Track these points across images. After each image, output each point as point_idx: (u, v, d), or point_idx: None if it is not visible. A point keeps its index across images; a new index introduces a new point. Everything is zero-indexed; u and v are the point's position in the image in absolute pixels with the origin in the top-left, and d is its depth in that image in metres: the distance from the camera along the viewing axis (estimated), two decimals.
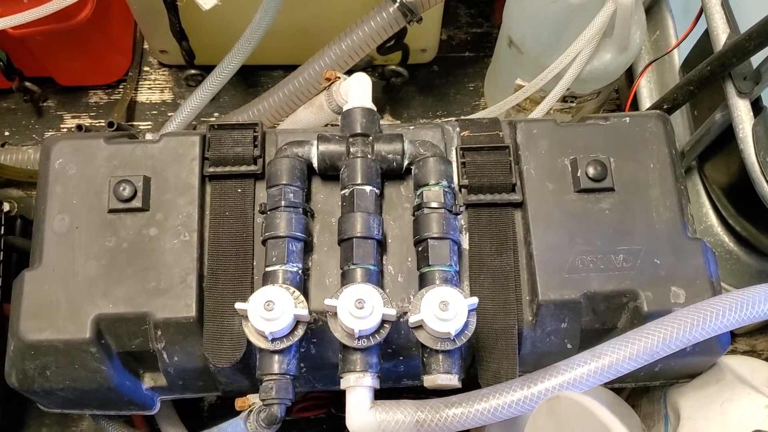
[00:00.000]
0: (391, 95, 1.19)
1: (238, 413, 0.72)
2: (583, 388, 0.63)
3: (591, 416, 0.45)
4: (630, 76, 1.09)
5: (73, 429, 1.00)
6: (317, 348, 0.71)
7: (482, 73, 1.20)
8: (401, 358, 0.73)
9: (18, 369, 0.69)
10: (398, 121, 1.18)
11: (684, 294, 0.70)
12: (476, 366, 0.70)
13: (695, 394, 0.78)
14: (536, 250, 0.71)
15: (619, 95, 1.19)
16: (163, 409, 0.89)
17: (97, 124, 1.15)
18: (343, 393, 0.65)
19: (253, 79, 1.19)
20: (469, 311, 0.62)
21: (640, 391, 0.89)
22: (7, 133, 1.15)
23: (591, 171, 0.73)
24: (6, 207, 0.97)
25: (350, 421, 0.63)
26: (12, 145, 1.10)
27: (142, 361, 0.74)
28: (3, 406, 0.94)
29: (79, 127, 0.99)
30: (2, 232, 0.90)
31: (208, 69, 1.00)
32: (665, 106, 0.87)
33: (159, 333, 0.69)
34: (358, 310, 0.60)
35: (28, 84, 1.12)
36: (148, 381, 0.76)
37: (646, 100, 1.04)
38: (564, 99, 0.99)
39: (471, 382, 0.69)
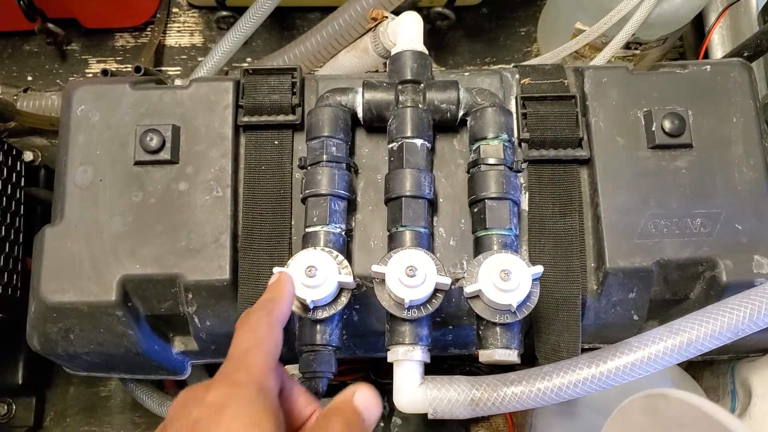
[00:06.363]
0: (436, 40, 1.11)
1: None
2: (658, 367, 0.57)
3: (713, 425, 0.38)
4: (697, 21, 1.00)
5: (101, 388, 0.96)
6: (360, 315, 0.66)
7: (535, 16, 1.11)
8: (450, 327, 0.67)
9: (40, 332, 0.65)
10: (443, 69, 1.10)
11: None
12: (533, 336, 0.65)
13: None
14: (604, 212, 0.64)
15: (683, 42, 1.09)
16: (194, 372, 0.85)
17: (124, 69, 1.09)
18: (383, 357, 0.60)
19: (288, 22, 1.12)
20: (533, 281, 0.56)
21: (702, 362, 0.83)
22: (30, 78, 1.09)
23: (667, 125, 0.66)
24: (29, 156, 0.91)
25: (398, 397, 0.58)
26: (35, 91, 1.04)
27: (172, 325, 0.69)
28: (29, 365, 0.91)
29: (105, 72, 0.93)
30: (23, 183, 0.84)
31: (240, 11, 0.94)
32: (745, 54, 0.79)
33: (190, 296, 0.64)
34: (410, 278, 0.54)
35: (51, 26, 1.05)
36: (179, 345, 0.71)
37: (718, 47, 0.95)
38: (627, 45, 0.91)
39: (525, 353, 0.62)
